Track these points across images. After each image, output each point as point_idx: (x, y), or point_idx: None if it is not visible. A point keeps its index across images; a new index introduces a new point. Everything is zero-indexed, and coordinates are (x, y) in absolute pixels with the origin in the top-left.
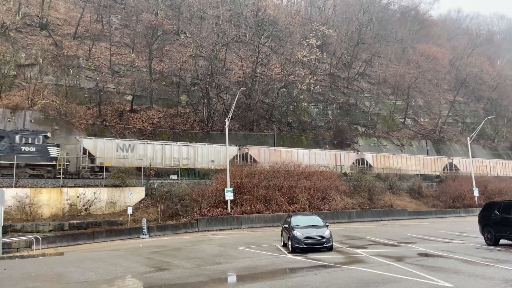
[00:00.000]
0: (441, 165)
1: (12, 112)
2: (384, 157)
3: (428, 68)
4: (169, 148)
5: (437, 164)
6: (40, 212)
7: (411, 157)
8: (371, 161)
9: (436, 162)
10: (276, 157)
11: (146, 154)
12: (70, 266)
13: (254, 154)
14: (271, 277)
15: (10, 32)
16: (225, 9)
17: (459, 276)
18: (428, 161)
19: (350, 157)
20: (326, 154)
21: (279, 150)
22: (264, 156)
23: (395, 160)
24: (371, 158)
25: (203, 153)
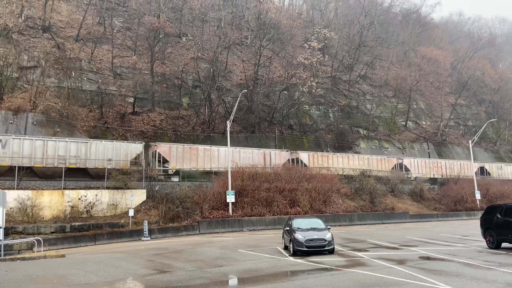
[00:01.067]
0: (390, 165)
1: (14, 114)
2: (322, 156)
3: (430, 71)
4: (52, 144)
5: (384, 164)
6: (42, 214)
7: (353, 157)
8: (306, 160)
9: (384, 162)
10: (192, 155)
11: (21, 151)
12: (71, 268)
13: (164, 152)
14: (272, 280)
15: (12, 34)
16: (226, 12)
17: (461, 279)
18: (374, 161)
19: (282, 156)
20: (253, 152)
21: (195, 148)
22: (177, 154)
23: (334, 159)
24: (306, 157)
25: (97, 151)
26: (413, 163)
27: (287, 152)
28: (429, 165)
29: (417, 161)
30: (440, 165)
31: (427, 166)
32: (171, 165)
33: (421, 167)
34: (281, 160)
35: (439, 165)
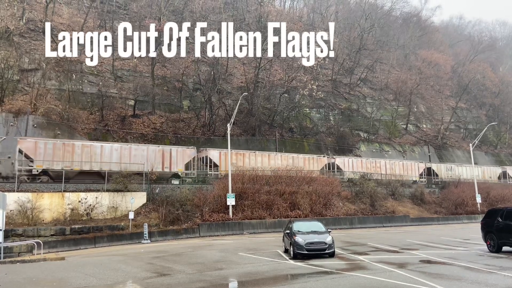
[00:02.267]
0: (320, 164)
1: (15, 116)
2: (237, 154)
3: (430, 74)
4: None
5: (314, 164)
6: (42, 216)
7: (276, 155)
8: (217, 159)
9: (313, 161)
10: (66, 152)
11: None
12: (71, 271)
13: (27, 148)
14: (272, 283)
15: (13, 37)
16: (227, 15)
17: (462, 283)
18: (301, 160)
19: (186, 155)
20: (149, 149)
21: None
22: (47, 151)
23: (252, 158)
24: (217, 155)
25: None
26: (346, 162)
27: (193, 149)
28: (366, 165)
29: (351, 161)
30: (379, 165)
31: (363, 165)
32: (36, 164)
33: (356, 167)
34: (186, 158)
35: (377, 165)
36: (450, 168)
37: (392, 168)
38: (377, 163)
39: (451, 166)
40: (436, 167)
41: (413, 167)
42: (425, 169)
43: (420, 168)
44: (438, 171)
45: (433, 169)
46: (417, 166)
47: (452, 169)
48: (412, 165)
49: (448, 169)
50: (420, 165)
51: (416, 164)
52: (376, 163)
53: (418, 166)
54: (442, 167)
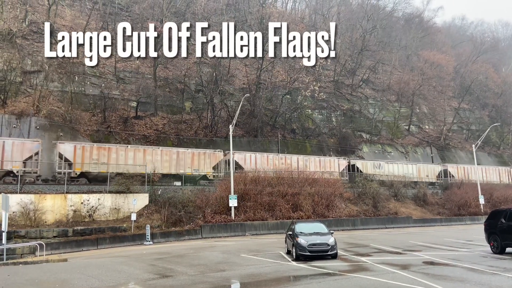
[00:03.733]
0: (213, 160)
1: (17, 118)
2: (91, 148)
3: (433, 75)
4: None
5: (205, 160)
6: (44, 218)
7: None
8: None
9: (204, 156)
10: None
11: None
12: (73, 272)
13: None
14: (275, 284)
15: (16, 39)
16: (229, 17)
17: (465, 284)
18: (189, 155)
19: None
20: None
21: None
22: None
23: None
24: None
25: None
26: (248, 158)
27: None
28: (273, 161)
29: (254, 156)
30: (290, 162)
31: (269, 162)
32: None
33: (260, 164)
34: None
35: (287, 161)
36: (379, 165)
37: (306, 165)
38: (286, 159)
39: (380, 163)
40: (362, 164)
41: (334, 163)
42: (348, 166)
43: (341, 165)
44: (364, 168)
45: (358, 166)
46: (338, 162)
47: (380, 166)
48: (333, 162)
49: (376, 166)
50: (341, 162)
51: (337, 161)
52: (286, 159)
53: (339, 163)
54: (368, 164)
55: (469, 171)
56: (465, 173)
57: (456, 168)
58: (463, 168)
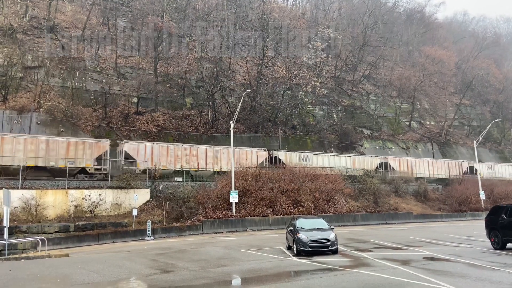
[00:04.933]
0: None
1: (18, 114)
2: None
3: (434, 70)
4: None
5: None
6: (46, 213)
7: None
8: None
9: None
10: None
11: None
12: (75, 267)
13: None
14: (276, 280)
15: (17, 34)
16: (230, 12)
17: (466, 280)
18: None
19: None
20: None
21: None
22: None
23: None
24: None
25: None
26: (142, 149)
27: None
28: (175, 153)
29: (150, 147)
30: (196, 153)
31: (169, 153)
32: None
33: (158, 155)
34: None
35: (193, 152)
36: (306, 157)
37: (216, 156)
38: (192, 150)
39: (307, 154)
40: (284, 156)
41: (252, 155)
42: (268, 157)
43: (260, 156)
44: (287, 160)
45: (280, 158)
46: (257, 154)
47: (308, 158)
48: (250, 153)
49: (303, 158)
50: (260, 153)
51: (255, 152)
52: (192, 150)
53: (258, 154)
54: (293, 155)
55: (412, 164)
56: (408, 165)
57: (397, 160)
58: (406, 161)
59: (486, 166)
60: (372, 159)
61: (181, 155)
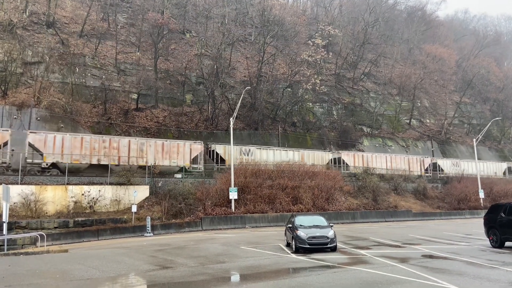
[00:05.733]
0: None
1: (18, 109)
2: None
3: (434, 68)
4: None
5: None
6: (45, 209)
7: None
8: None
9: None
10: None
11: None
12: (74, 263)
13: None
14: (274, 276)
15: (17, 30)
16: (230, 9)
17: (464, 278)
18: None
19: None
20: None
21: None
22: None
23: None
24: None
25: None
26: (51, 141)
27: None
28: (91, 145)
29: (61, 138)
30: (117, 145)
31: (84, 146)
32: None
33: (70, 148)
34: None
35: (113, 145)
36: (248, 151)
37: (142, 149)
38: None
39: (250, 148)
40: (223, 150)
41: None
42: (206, 151)
43: (194, 150)
44: (225, 155)
45: (218, 152)
46: (190, 147)
47: (250, 152)
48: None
49: (244, 152)
50: (195, 147)
51: (189, 145)
52: (112, 142)
53: (192, 148)
54: (221, 148)
55: (368, 160)
56: (364, 161)
57: (352, 156)
58: (361, 156)
59: (451, 162)
60: (323, 154)
61: (99, 148)
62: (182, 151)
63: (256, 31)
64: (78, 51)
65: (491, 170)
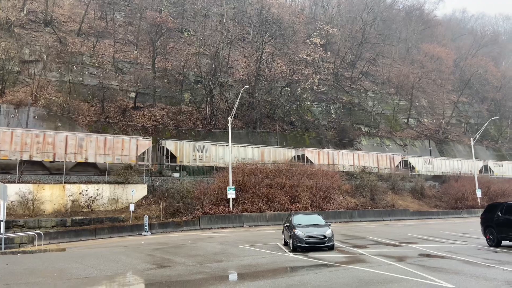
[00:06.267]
0: None
1: (16, 108)
2: None
3: (432, 68)
4: None
5: None
6: (43, 208)
7: None
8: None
9: None
10: None
11: None
12: (71, 262)
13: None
14: (271, 275)
15: (14, 28)
16: (229, 7)
17: (460, 277)
18: None
19: None
20: None
21: None
22: None
23: None
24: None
25: None
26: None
27: None
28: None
29: None
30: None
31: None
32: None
33: None
34: None
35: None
36: (202, 147)
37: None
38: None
39: (204, 145)
40: (174, 146)
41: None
42: (158, 148)
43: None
44: (178, 152)
45: (168, 148)
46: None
47: (204, 149)
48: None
49: (198, 149)
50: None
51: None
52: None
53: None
54: (185, 145)
55: (334, 157)
56: (329, 158)
57: (316, 153)
58: (326, 153)
59: (423, 160)
60: (286, 151)
61: (31, 143)
62: (128, 147)
63: (254, 30)
64: (76, 49)
65: (466, 168)
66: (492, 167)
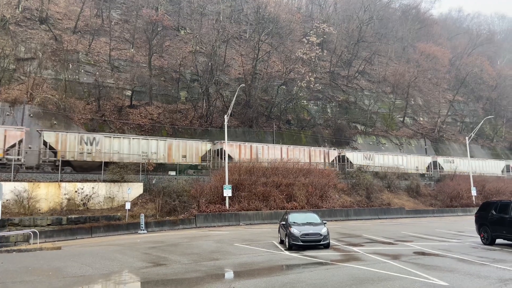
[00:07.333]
0: None
1: (11, 106)
2: None
3: (428, 67)
4: None
5: None
6: (38, 206)
7: None
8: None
9: None
10: None
11: None
12: (67, 260)
13: None
14: (267, 273)
15: (9, 25)
16: (225, 5)
17: (455, 274)
18: None
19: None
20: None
21: None
22: None
23: None
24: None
25: None
26: None
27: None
28: None
29: None
30: None
31: None
32: None
33: None
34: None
35: None
36: (93, 139)
37: None
38: None
39: (95, 136)
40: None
41: None
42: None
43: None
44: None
45: (46, 140)
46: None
47: (95, 141)
48: None
49: (87, 141)
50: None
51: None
52: None
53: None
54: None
55: (258, 151)
56: (252, 152)
57: (237, 147)
58: (249, 147)
59: (362, 155)
60: (200, 145)
61: None
62: None
63: (251, 29)
64: (72, 47)
65: (412, 164)
66: (442, 163)
